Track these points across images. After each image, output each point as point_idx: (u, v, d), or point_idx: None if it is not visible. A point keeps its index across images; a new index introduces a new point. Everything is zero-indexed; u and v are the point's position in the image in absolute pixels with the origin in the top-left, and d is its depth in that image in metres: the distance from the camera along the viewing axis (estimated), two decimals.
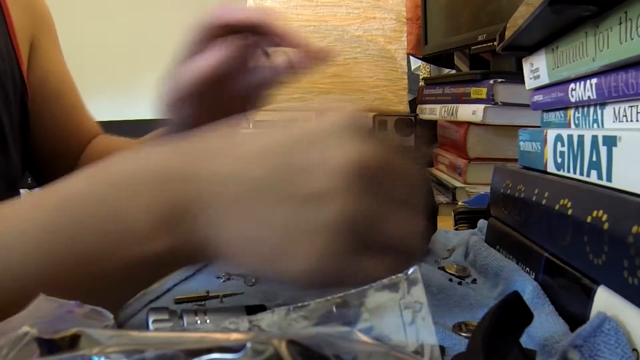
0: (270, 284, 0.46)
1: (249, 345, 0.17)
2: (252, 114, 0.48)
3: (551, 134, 0.41)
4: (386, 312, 0.22)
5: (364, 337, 0.19)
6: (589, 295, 0.31)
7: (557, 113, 0.44)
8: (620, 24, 0.31)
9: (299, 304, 0.22)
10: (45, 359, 0.17)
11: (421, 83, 1.29)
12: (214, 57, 0.42)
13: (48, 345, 0.18)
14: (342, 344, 0.18)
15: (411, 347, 0.20)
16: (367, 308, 0.22)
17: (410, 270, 0.22)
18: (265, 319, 0.22)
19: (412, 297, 0.22)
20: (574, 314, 0.33)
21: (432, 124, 1.12)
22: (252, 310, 0.33)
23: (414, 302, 0.22)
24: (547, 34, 0.42)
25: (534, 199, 0.40)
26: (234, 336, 0.18)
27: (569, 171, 0.37)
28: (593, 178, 0.33)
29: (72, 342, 0.18)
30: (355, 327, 0.21)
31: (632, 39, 0.30)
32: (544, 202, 0.38)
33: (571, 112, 0.41)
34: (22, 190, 0.63)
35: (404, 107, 1.12)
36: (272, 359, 0.17)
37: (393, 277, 0.22)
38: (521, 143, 0.49)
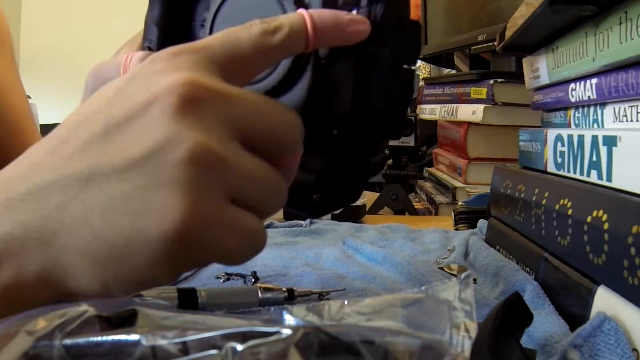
0: None
1: (283, 331, 0.18)
2: None
3: (551, 134, 0.41)
4: (436, 314, 0.22)
5: (408, 331, 0.20)
6: (589, 295, 0.31)
7: (557, 113, 0.44)
8: (620, 24, 0.31)
9: (354, 299, 0.23)
10: (98, 335, 0.18)
11: (421, 83, 1.29)
12: None
13: (106, 322, 0.19)
14: (373, 334, 0.18)
15: (449, 350, 0.20)
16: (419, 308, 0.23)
17: (464, 274, 0.23)
18: (319, 309, 0.23)
19: (463, 301, 0.22)
20: (574, 314, 0.33)
21: (432, 124, 1.12)
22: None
23: (463, 305, 0.22)
24: (547, 34, 0.42)
25: (534, 199, 0.40)
26: (274, 324, 0.19)
27: (569, 171, 0.38)
28: (593, 178, 0.33)
29: (129, 320, 0.19)
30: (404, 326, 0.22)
31: (632, 39, 0.30)
32: (544, 202, 0.38)
33: (571, 112, 0.41)
34: None
35: None
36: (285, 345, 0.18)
37: (447, 280, 0.23)
38: (521, 143, 0.49)
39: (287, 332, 0.18)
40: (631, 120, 0.31)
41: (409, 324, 0.22)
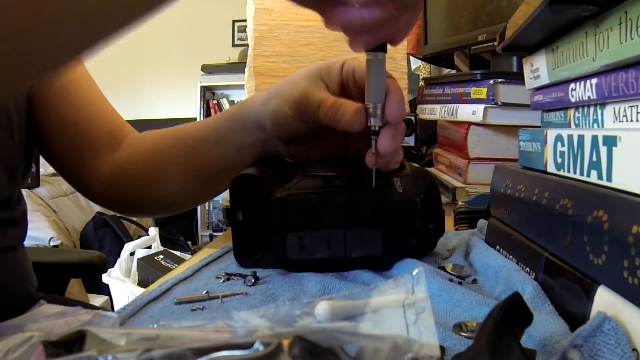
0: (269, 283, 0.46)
1: (258, 342, 0.17)
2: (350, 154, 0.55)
3: (551, 134, 0.41)
4: (390, 311, 0.22)
5: (367, 332, 0.20)
6: (589, 295, 0.31)
7: (557, 113, 0.44)
8: (620, 24, 0.31)
9: (304, 300, 0.22)
10: None
11: (421, 83, 1.29)
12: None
13: (54, 347, 0.18)
14: (348, 338, 0.18)
15: (414, 346, 0.20)
16: (371, 307, 0.22)
17: (415, 271, 0.23)
18: (269, 314, 0.22)
19: (416, 297, 0.22)
20: (574, 314, 0.33)
21: (432, 124, 1.12)
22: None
23: (418, 302, 0.22)
24: (547, 34, 0.42)
25: (534, 199, 0.40)
26: (242, 332, 0.18)
27: (569, 171, 0.38)
28: (593, 178, 0.33)
29: (78, 342, 0.18)
30: (359, 324, 0.22)
31: (632, 39, 0.30)
32: (544, 202, 0.38)
33: (571, 112, 0.41)
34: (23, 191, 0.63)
35: None
36: (276, 354, 0.17)
37: (398, 277, 0.23)
38: (521, 143, 0.49)
39: (263, 347, 0.17)
40: (631, 120, 0.31)
41: (370, 328, 0.22)
